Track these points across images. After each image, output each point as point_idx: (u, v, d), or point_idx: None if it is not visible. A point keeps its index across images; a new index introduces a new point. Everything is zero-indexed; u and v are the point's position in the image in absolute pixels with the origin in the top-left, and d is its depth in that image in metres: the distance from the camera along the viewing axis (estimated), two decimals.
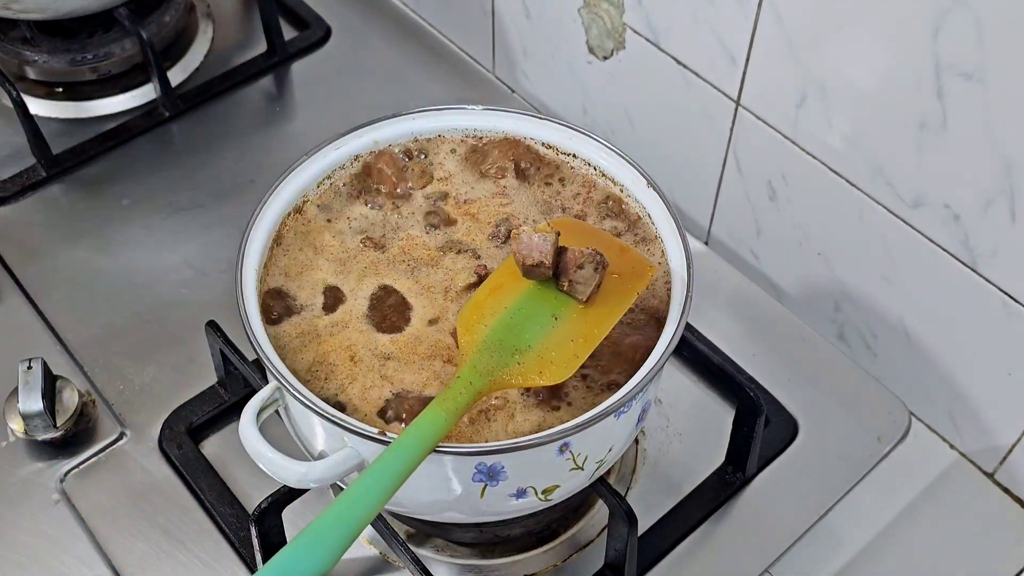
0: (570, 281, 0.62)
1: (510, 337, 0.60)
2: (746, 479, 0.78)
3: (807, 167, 0.84)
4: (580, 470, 0.63)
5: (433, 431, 0.56)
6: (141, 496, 0.77)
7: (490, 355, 0.59)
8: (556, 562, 0.75)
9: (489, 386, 0.58)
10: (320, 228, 0.70)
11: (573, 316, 0.62)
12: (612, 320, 0.62)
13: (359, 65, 1.06)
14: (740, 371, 0.79)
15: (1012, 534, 0.82)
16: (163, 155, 0.99)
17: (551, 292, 0.62)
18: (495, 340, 0.60)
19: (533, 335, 0.61)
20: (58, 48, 1.01)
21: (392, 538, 0.70)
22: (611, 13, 0.91)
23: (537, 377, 0.59)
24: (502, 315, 0.61)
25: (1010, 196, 0.71)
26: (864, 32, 0.74)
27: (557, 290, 0.62)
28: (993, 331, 0.78)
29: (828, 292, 0.89)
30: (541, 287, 0.63)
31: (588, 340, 0.61)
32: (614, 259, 0.63)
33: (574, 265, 0.61)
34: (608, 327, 0.62)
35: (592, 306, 0.62)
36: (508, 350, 0.60)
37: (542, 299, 0.62)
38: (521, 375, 0.59)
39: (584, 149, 0.72)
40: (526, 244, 0.61)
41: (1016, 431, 0.81)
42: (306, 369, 0.63)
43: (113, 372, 0.84)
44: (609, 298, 0.62)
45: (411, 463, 0.55)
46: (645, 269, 0.65)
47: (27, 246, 0.92)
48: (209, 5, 1.10)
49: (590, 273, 0.61)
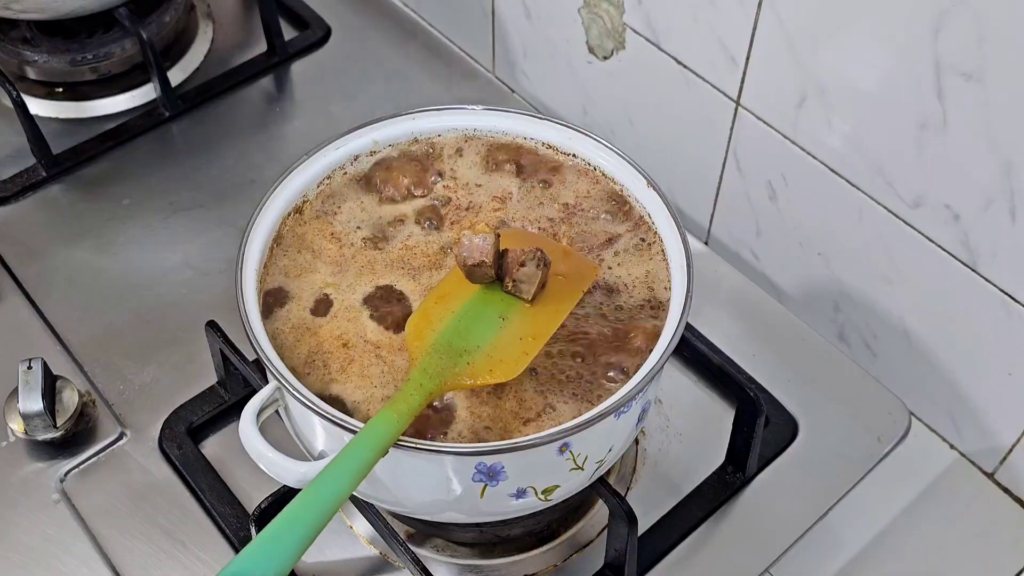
0: (514, 281, 0.63)
1: (458, 339, 0.62)
2: (746, 479, 0.78)
3: (807, 167, 0.84)
4: (580, 470, 0.63)
5: (386, 431, 0.57)
6: (141, 496, 0.77)
7: (439, 357, 0.61)
8: (556, 562, 0.75)
9: (440, 387, 0.60)
10: (320, 228, 0.70)
11: (520, 316, 0.63)
12: (559, 318, 0.64)
13: (359, 65, 1.06)
14: (740, 371, 0.79)
15: (1012, 534, 0.82)
16: (163, 155, 0.99)
17: (497, 295, 0.64)
18: (444, 343, 0.62)
19: (481, 336, 0.62)
20: (58, 48, 1.01)
21: (392, 538, 0.70)
22: (611, 13, 0.91)
23: (488, 376, 0.61)
24: (450, 320, 0.63)
25: (1010, 196, 0.71)
26: (864, 32, 0.74)
27: (503, 293, 0.64)
28: (993, 331, 0.78)
29: (828, 292, 0.89)
30: (487, 291, 0.64)
31: (536, 338, 0.63)
32: (558, 261, 0.65)
33: (516, 264, 0.63)
34: (555, 324, 0.64)
35: (538, 305, 0.64)
36: (457, 351, 0.61)
37: (489, 302, 0.64)
38: (471, 375, 0.61)
39: (584, 149, 0.72)
40: (467, 246, 0.63)
41: (1016, 431, 0.81)
42: (303, 363, 0.64)
43: (113, 372, 0.84)
44: (555, 297, 0.65)
45: (365, 464, 0.56)
46: (589, 270, 0.67)
47: (27, 246, 0.92)
48: (209, 5, 1.10)
49: (532, 271, 0.63)
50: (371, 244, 0.70)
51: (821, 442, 0.80)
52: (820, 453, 0.79)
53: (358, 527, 0.76)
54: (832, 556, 0.81)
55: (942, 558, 0.81)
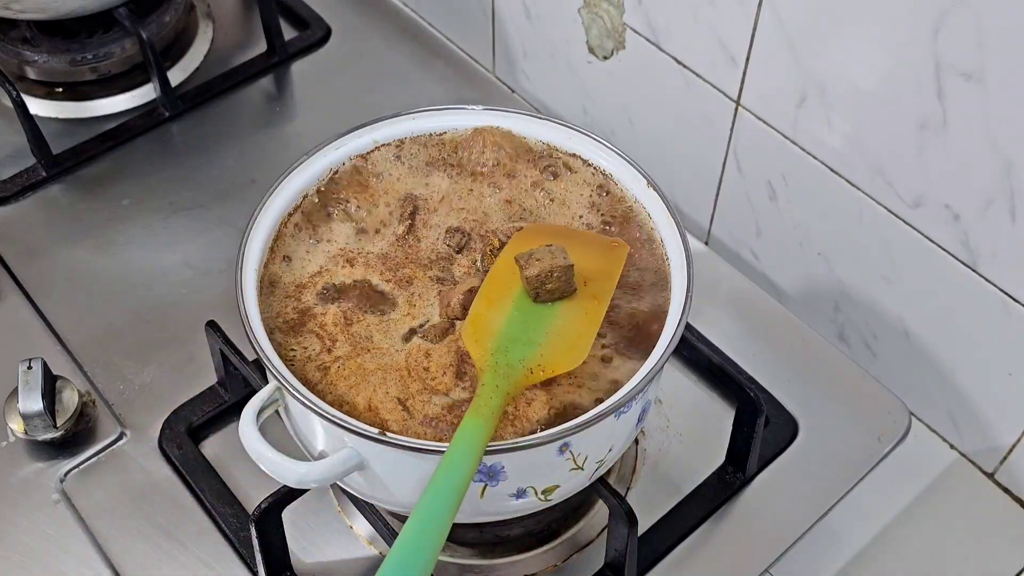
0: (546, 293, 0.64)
1: (518, 337, 0.62)
2: (746, 479, 0.78)
3: (807, 167, 0.84)
4: (580, 470, 0.63)
5: (475, 438, 0.57)
6: (141, 496, 0.77)
7: (505, 356, 0.61)
8: (556, 562, 0.75)
9: (515, 385, 0.60)
10: (320, 228, 0.70)
11: (569, 304, 0.64)
12: (606, 299, 0.64)
13: (359, 65, 1.06)
14: (740, 371, 0.79)
15: (1012, 534, 0.82)
16: (163, 155, 0.99)
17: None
18: (505, 343, 0.62)
19: (538, 330, 0.63)
20: (58, 48, 1.01)
21: (392, 538, 0.70)
22: (611, 13, 0.91)
23: (558, 365, 0.61)
24: (504, 320, 0.63)
25: (1010, 196, 0.71)
26: (864, 32, 0.74)
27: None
28: (993, 331, 0.78)
29: (828, 292, 0.89)
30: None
31: (591, 322, 0.63)
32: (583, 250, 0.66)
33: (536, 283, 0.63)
34: (604, 304, 0.64)
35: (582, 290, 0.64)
36: (520, 348, 0.61)
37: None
38: (542, 367, 0.61)
39: (584, 149, 0.72)
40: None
41: (1016, 431, 0.81)
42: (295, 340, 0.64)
43: (113, 372, 0.84)
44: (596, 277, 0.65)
45: (464, 476, 0.56)
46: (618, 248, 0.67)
47: (27, 246, 0.92)
48: (209, 5, 1.10)
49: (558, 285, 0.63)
50: (370, 244, 0.69)
51: (821, 442, 0.80)
52: (820, 453, 0.79)
53: (358, 527, 0.76)
54: (832, 556, 0.81)
55: (942, 558, 0.81)
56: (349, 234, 0.70)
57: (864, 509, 0.81)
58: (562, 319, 0.63)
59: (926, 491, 0.84)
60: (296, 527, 0.75)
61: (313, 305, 0.66)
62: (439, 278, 0.68)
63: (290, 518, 0.72)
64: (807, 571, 0.79)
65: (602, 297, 0.64)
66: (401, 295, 0.67)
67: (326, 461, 0.60)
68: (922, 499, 0.84)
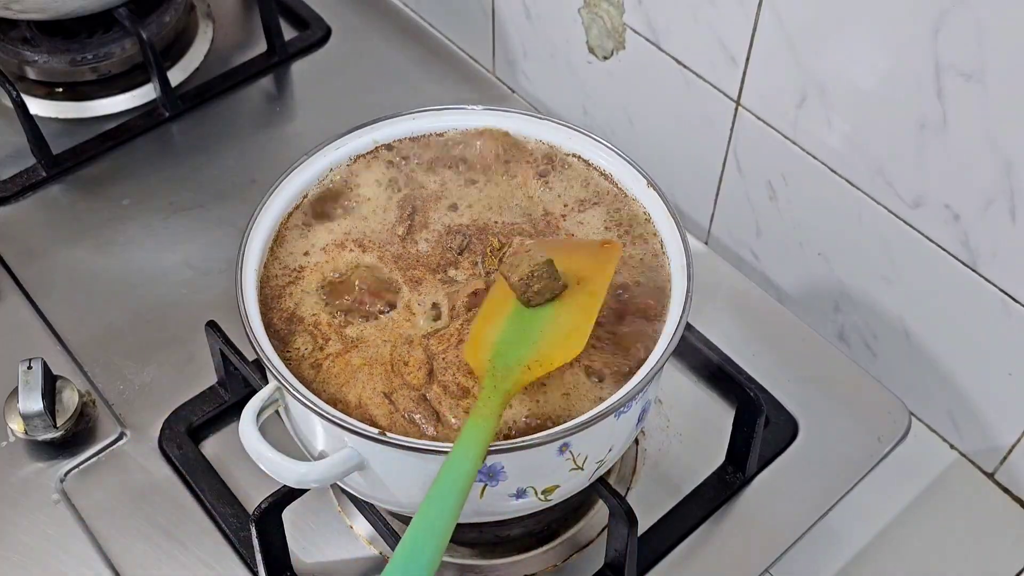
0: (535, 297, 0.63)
1: (515, 340, 0.62)
2: (746, 479, 0.78)
3: (807, 167, 0.84)
4: (580, 470, 0.63)
5: (478, 439, 0.57)
6: (141, 496, 0.77)
7: (503, 360, 0.61)
8: (556, 562, 0.75)
9: (514, 384, 0.60)
10: (319, 227, 0.70)
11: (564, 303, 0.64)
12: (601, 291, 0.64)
13: (359, 65, 1.06)
14: (740, 371, 0.79)
15: (1012, 534, 0.82)
16: (163, 155, 0.99)
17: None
18: (502, 349, 0.62)
19: (536, 331, 0.63)
20: (58, 48, 1.01)
21: (392, 538, 0.70)
22: (611, 13, 0.91)
23: (555, 359, 0.61)
24: (500, 332, 0.63)
25: (1010, 196, 0.71)
26: (864, 32, 0.74)
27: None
28: (993, 331, 0.78)
29: (828, 292, 0.89)
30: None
31: (587, 315, 0.63)
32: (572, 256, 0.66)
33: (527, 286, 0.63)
34: (600, 296, 0.64)
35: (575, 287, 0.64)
36: (518, 350, 0.62)
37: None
38: (539, 363, 0.61)
39: (584, 149, 0.72)
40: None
41: (1016, 431, 0.81)
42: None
43: (113, 372, 0.84)
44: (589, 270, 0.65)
45: (467, 476, 0.56)
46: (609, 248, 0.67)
47: (27, 246, 0.92)
48: (209, 5, 1.10)
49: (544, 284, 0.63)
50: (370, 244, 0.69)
51: (821, 442, 0.80)
52: (820, 453, 0.79)
53: (358, 527, 0.76)
54: (832, 556, 0.81)
55: (942, 558, 0.81)
56: (349, 234, 0.70)
57: (864, 509, 0.81)
58: (557, 317, 0.63)
59: (926, 491, 0.84)
60: (296, 527, 0.75)
61: (312, 305, 0.66)
62: (439, 278, 0.68)
63: (290, 518, 0.72)
64: (807, 571, 0.79)
65: (596, 292, 0.64)
66: (400, 295, 0.67)
67: (326, 461, 0.60)
68: (922, 499, 0.84)
